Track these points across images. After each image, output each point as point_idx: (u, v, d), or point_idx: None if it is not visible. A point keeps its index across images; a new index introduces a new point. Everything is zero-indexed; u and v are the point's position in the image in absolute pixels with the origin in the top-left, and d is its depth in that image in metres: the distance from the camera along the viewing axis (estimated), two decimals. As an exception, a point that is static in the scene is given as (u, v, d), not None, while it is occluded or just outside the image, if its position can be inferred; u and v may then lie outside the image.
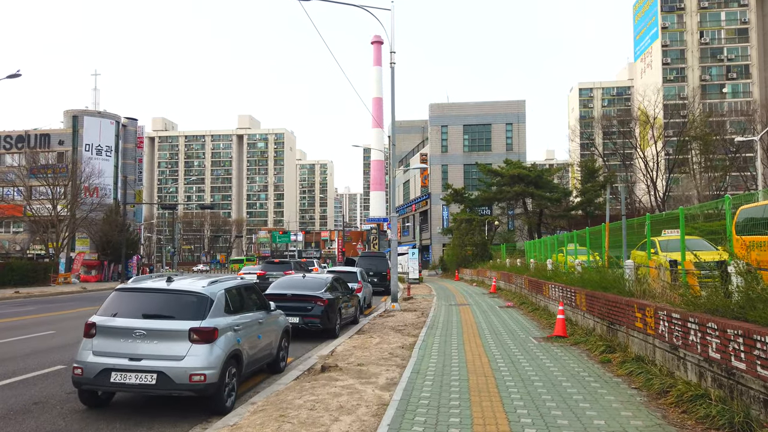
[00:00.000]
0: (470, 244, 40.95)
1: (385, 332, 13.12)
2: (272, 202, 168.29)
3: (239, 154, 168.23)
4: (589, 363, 8.94)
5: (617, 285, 10.57)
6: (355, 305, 15.83)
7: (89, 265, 53.62)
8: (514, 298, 21.41)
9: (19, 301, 27.13)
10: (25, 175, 47.60)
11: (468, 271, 39.72)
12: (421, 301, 22.19)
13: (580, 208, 41.54)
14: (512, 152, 55.00)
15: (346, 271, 19.69)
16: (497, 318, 15.71)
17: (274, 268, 26.95)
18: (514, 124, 57.33)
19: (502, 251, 35.88)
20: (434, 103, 58.93)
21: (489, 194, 44.08)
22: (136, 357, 6.56)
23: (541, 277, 18.18)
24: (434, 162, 58.07)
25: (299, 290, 13.15)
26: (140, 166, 65.56)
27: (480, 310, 18.18)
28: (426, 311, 17.80)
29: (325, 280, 13.91)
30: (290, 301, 12.84)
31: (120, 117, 62.20)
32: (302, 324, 12.64)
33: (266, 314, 8.75)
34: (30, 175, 48.41)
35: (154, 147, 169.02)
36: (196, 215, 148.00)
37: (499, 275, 28.38)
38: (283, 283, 13.77)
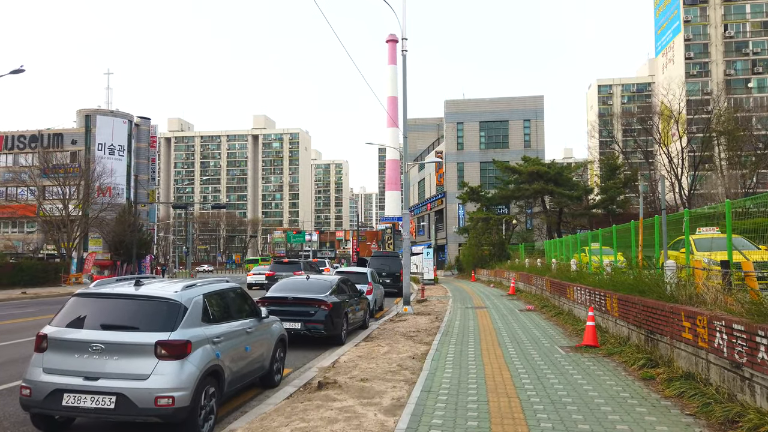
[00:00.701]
0: (487, 244, 39.63)
1: (395, 339, 12.00)
2: (287, 202, 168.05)
3: (254, 154, 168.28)
4: (628, 380, 7.73)
5: (656, 289, 9.34)
6: (364, 309, 14.74)
7: (102, 265, 53.36)
8: (535, 300, 20.16)
9: (23, 302, 26.50)
10: (38, 174, 47.31)
11: (485, 272, 38.43)
12: (435, 303, 21.03)
13: (602, 207, 39.98)
14: (530, 149, 53.52)
15: (355, 272, 18.61)
16: (518, 323, 14.50)
17: (284, 268, 26.02)
18: (532, 121, 55.83)
19: (521, 251, 34.55)
20: (449, 100, 57.67)
21: (506, 192, 42.71)
22: (92, 376, 5.53)
23: (565, 279, 16.94)
24: (450, 160, 56.79)
25: (301, 293, 12.09)
26: (153, 165, 65.23)
27: (499, 313, 16.98)
28: (440, 315, 16.64)
29: (331, 282, 12.84)
30: (291, 305, 11.79)
31: (133, 116, 61.87)
32: (304, 330, 11.58)
33: (257, 322, 7.69)
34: (43, 175, 48.16)
35: (170, 147, 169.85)
36: (211, 215, 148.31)
37: (518, 276, 27.11)
38: (285, 285, 12.72)
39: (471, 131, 56.43)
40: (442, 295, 25.20)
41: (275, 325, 8.47)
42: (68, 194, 44.24)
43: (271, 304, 11.88)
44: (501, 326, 13.86)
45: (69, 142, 58.24)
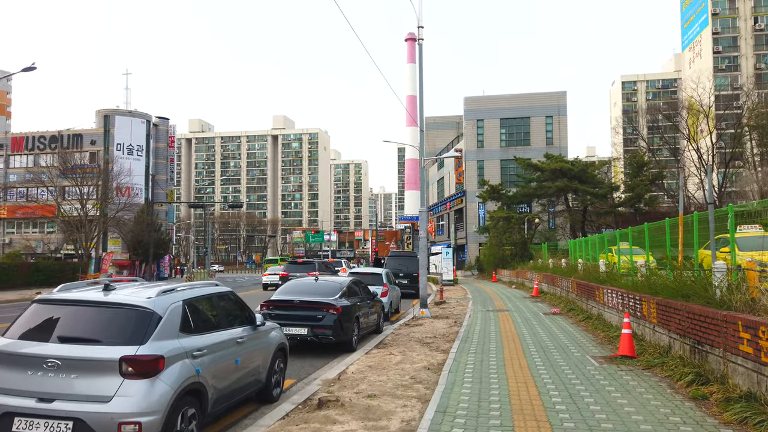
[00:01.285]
0: (509, 244, 38.42)
1: (410, 346, 11.07)
2: (307, 201, 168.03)
3: (274, 154, 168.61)
4: (675, 399, 6.69)
5: (703, 293, 8.27)
6: (377, 312, 13.83)
7: (121, 265, 53.33)
8: (561, 303, 19.05)
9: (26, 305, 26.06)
10: (57, 175, 47.39)
11: (506, 272, 37.25)
12: (454, 305, 20.03)
13: (628, 205, 38.47)
14: (553, 146, 52.07)
15: (370, 273, 17.72)
16: (543, 328, 13.46)
17: (298, 268, 25.26)
18: (555, 117, 54.35)
19: (544, 251, 33.34)
20: (469, 97, 56.49)
21: (528, 190, 41.41)
22: (47, 397, 4.72)
23: (593, 280, 15.84)
24: (469, 158, 55.61)
25: (308, 296, 11.23)
26: (172, 165, 65.20)
27: (522, 317, 15.93)
28: (460, 319, 15.66)
29: (341, 284, 11.96)
30: (297, 309, 10.94)
31: (151, 116, 61.86)
32: (311, 336, 10.72)
33: (250, 330, 6.83)
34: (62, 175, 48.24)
35: (191, 148, 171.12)
36: (232, 215, 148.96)
37: (542, 277, 25.98)
38: (292, 287, 11.88)
39: (491, 128, 55.17)
40: (461, 297, 24.18)
41: (274, 332, 7.60)
42: (86, 194, 44.16)
43: (276, 307, 11.07)
44: (525, 332, 12.84)
45: (88, 143, 58.44)
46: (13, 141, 61.02)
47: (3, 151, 60.80)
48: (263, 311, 11.10)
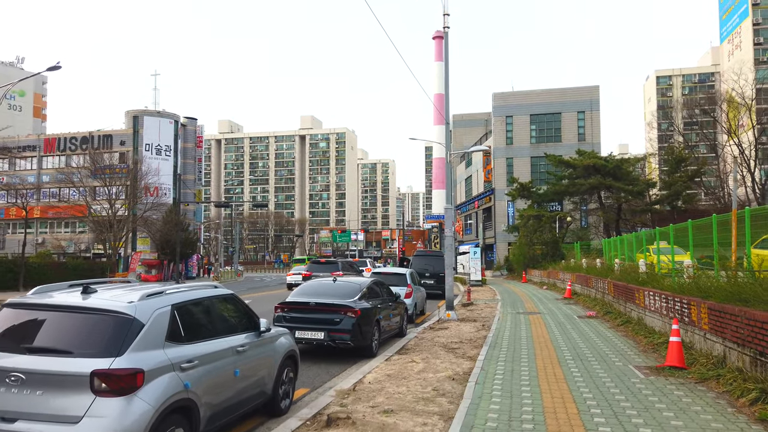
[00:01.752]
0: (539, 243, 37.19)
1: (434, 352, 10.30)
2: (334, 201, 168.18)
3: (302, 154, 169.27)
4: (739, 421, 5.78)
5: (766, 297, 7.30)
6: (400, 314, 13.09)
7: (150, 264, 53.74)
8: (596, 305, 18.00)
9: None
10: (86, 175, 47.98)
11: (537, 273, 36.08)
12: (482, 307, 19.15)
13: (666, 202, 36.84)
14: (585, 143, 50.47)
15: (393, 273, 16.98)
16: (579, 333, 12.53)
17: (321, 268, 24.69)
18: (587, 112, 52.69)
19: (576, 250, 32.10)
20: (498, 92, 55.20)
21: (560, 188, 40.04)
22: (9, 416, 4.12)
23: (632, 282, 14.80)
24: (498, 155, 54.34)
25: (325, 298, 10.56)
26: (200, 165, 65.57)
27: (555, 320, 14.99)
28: (488, 322, 14.80)
29: (360, 285, 11.24)
30: (313, 312, 10.27)
31: (179, 116, 62.31)
32: (328, 341, 10.03)
33: (254, 337, 6.16)
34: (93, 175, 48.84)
35: (220, 149, 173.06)
36: (260, 215, 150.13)
37: (575, 278, 24.85)
38: (308, 288, 11.22)
39: (521, 125, 53.81)
40: (490, 298, 23.25)
41: (282, 339, 6.92)
42: (115, 194, 44.57)
43: (291, 310, 10.43)
44: (559, 337, 11.93)
45: (118, 143, 59.15)
46: (45, 142, 62.23)
47: (36, 153, 62.06)
48: (277, 313, 10.49)
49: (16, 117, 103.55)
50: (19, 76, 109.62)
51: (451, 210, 15.42)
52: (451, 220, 15.41)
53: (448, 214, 15.47)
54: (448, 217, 15.51)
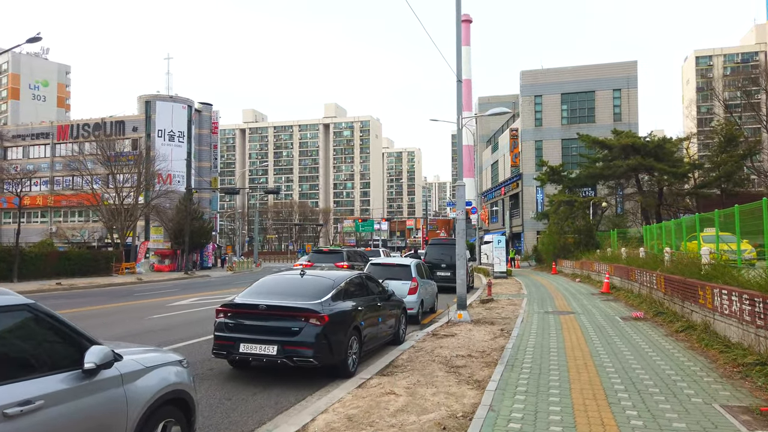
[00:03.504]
0: (571, 231, 33.85)
1: (429, 373, 7.52)
2: (358, 190, 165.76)
3: (326, 143, 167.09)
4: None
5: None
6: (395, 317, 10.33)
7: (163, 254, 52.06)
8: (642, 304, 14.95)
9: (48, 295, 24.13)
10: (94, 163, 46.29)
11: (568, 263, 32.85)
12: (504, 304, 16.24)
13: (715, 185, 33.10)
14: (621, 123, 46.64)
15: (395, 265, 14.21)
16: (626, 343, 9.58)
17: (323, 258, 22.03)
18: (623, 90, 48.72)
19: (613, 239, 28.83)
20: (526, 70, 51.54)
21: (594, 171, 36.55)
22: None
23: (692, 276, 11.75)
24: (526, 137, 50.83)
25: (283, 298, 7.83)
26: (216, 152, 63.58)
27: (593, 323, 12.03)
28: (508, 325, 11.93)
29: (335, 280, 8.47)
30: (265, 318, 7.55)
31: (193, 101, 60.30)
32: (282, 358, 7.32)
33: (74, 381, 3.47)
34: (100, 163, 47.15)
35: (245, 138, 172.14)
36: (284, 205, 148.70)
37: (612, 269, 21.72)
38: (265, 286, 8.49)
39: (551, 105, 50.12)
40: (514, 293, 20.29)
41: (153, 375, 4.20)
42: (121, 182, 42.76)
43: (235, 315, 7.74)
44: (601, 350, 9.00)
45: (130, 129, 57.45)
46: (58, 129, 61.02)
47: (49, 140, 60.92)
48: (219, 320, 7.82)
49: (40, 107, 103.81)
50: (45, 67, 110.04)
51: (462, 187, 12.56)
52: (463, 198, 12.54)
53: (459, 193, 12.61)
54: (459, 195, 12.65)
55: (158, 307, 17.63)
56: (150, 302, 19.49)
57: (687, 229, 16.63)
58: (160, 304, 18.73)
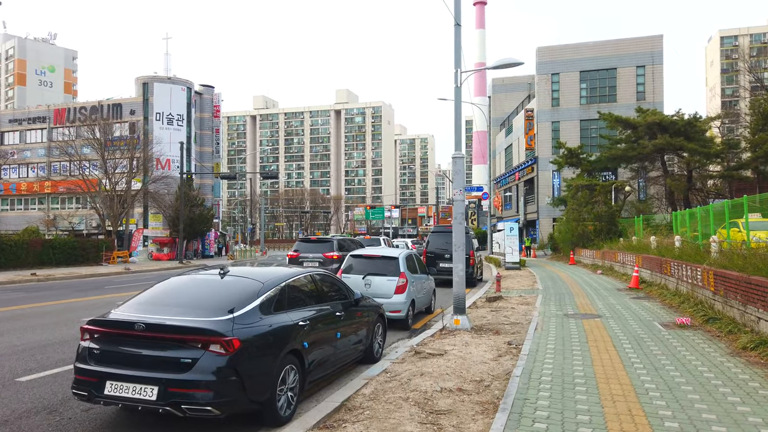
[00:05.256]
0: (591, 218, 31.00)
1: (393, 427, 4.97)
2: (370, 178, 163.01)
3: (337, 129, 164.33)
4: None
5: None
6: (367, 327, 7.80)
7: (162, 242, 50.00)
8: (683, 303, 12.26)
9: (10, 288, 21.95)
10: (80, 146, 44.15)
11: (588, 253, 30.05)
12: (515, 304, 13.62)
13: (752, 166, 29.94)
14: (645, 102, 43.38)
15: (379, 257, 11.62)
16: (681, 368, 6.94)
17: (310, 248, 19.52)
18: (648, 66, 45.34)
19: (638, 226, 25.98)
20: (542, 47, 48.27)
21: (616, 152, 33.57)
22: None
23: (756, 273, 9.05)
24: (542, 118, 47.72)
25: (176, 313, 5.28)
26: (217, 136, 61.22)
27: (628, 333, 9.38)
28: (518, 335, 9.33)
29: (266, 282, 5.89)
30: (143, 344, 5.01)
31: (192, 83, 57.83)
32: (165, 405, 4.78)
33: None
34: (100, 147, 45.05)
35: (255, 125, 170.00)
36: (295, 192, 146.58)
37: (640, 260, 18.98)
38: (163, 292, 5.93)
39: (569, 83, 46.90)
40: (527, 288, 17.64)
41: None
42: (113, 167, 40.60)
43: (104, 338, 5.20)
44: (647, 379, 6.37)
45: (128, 113, 55.22)
46: (55, 113, 58.98)
47: (46, 124, 59.00)
48: (84, 344, 5.29)
49: (47, 93, 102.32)
50: (51, 52, 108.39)
51: (461, 160, 9.92)
52: (462, 174, 9.91)
53: (457, 166, 9.96)
54: (456, 170, 10.00)
55: (113, 304, 15.24)
56: (113, 297, 17.14)
57: (730, 214, 14.00)
58: (124, 299, 16.35)
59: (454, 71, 9.99)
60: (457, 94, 10.00)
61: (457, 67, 9.99)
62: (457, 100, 10.05)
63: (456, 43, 9.93)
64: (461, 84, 9.97)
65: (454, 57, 9.98)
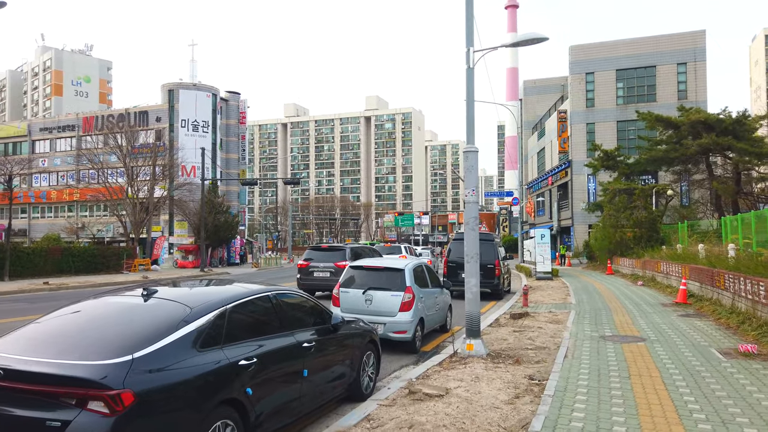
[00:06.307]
0: (630, 224, 28.80)
1: None
2: (401, 184, 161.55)
3: (367, 136, 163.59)
4: None
5: None
6: (351, 358, 6.31)
7: (187, 249, 49.54)
8: (744, 324, 10.39)
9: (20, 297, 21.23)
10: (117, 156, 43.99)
11: (627, 262, 27.88)
12: (543, 322, 11.90)
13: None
14: (686, 101, 40.76)
15: (383, 268, 10.10)
16: (752, 414, 5.22)
17: (321, 257, 18.16)
18: (689, 64, 42.72)
19: (682, 233, 23.82)
20: (576, 45, 46.10)
21: (656, 154, 31.30)
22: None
23: None
24: (576, 120, 45.48)
25: (52, 354, 3.84)
26: (243, 143, 60.76)
27: (681, 365, 7.63)
28: (543, 365, 7.68)
29: (196, 308, 4.44)
30: (4, 400, 3.61)
31: (218, 90, 57.52)
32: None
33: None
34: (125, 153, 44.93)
35: (286, 133, 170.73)
36: (325, 199, 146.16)
37: (687, 271, 16.95)
38: (51, 325, 4.42)
39: (604, 83, 44.57)
40: (558, 303, 15.84)
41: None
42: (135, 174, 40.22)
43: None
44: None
45: (154, 120, 55.27)
46: (84, 121, 59.51)
47: (75, 132, 59.55)
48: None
49: (82, 103, 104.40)
50: (87, 63, 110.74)
51: (474, 154, 8.37)
52: (474, 171, 8.34)
53: (469, 161, 8.41)
54: (468, 166, 8.44)
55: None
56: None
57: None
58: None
59: (466, 50, 8.45)
60: (469, 76, 8.45)
61: (469, 46, 8.46)
62: (469, 83, 8.50)
63: (468, 15, 8.39)
64: (474, 65, 8.42)
65: (466, 33, 8.45)
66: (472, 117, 8.57)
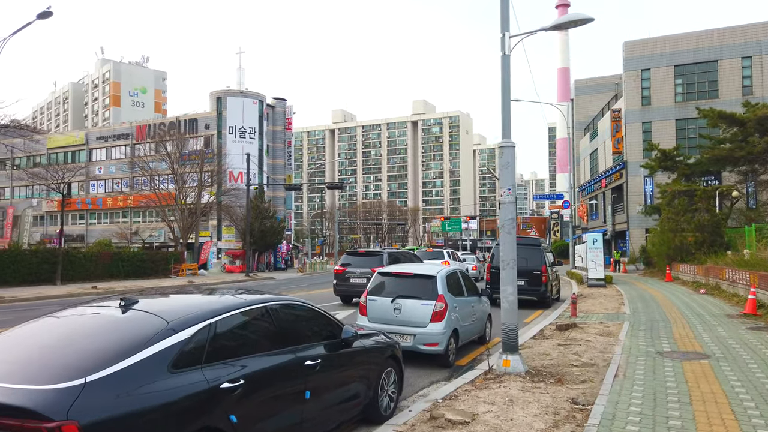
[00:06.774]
0: (691, 228, 26.93)
1: None
2: (448, 189, 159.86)
3: (414, 140, 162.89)
4: None
5: None
6: (366, 378, 5.65)
7: (234, 254, 50.20)
8: (829, 342, 9.09)
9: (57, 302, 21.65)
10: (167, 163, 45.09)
11: (688, 268, 26.04)
12: (592, 334, 10.89)
13: None
14: (752, 96, 38.07)
15: (413, 275, 9.40)
16: None
17: (359, 262, 17.57)
18: (754, 57, 40.00)
19: (749, 237, 22.00)
20: (630, 41, 44.01)
21: (720, 153, 29.28)
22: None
23: None
24: (631, 119, 43.37)
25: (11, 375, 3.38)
26: (289, 149, 61.23)
27: (750, 386, 6.58)
28: (589, 386, 6.79)
29: (171, 320, 3.89)
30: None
31: (264, 96, 58.22)
32: None
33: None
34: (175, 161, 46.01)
35: (334, 139, 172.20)
36: (372, 204, 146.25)
37: (757, 279, 15.46)
38: (13, 340, 3.98)
39: (661, 79, 42.30)
40: (611, 312, 14.67)
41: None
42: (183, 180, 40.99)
43: None
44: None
45: (203, 127, 56.44)
46: (137, 130, 61.47)
47: (129, 140, 61.54)
48: None
49: (139, 113, 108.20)
50: (143, 75, 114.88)
51: (510, 150, 7.61)
52: (511, 168, 7.57)
53: (505, 158, 7.64)
54: (503, 163, 7.68)
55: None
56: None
57: None
58: None
59: (501, 35, 7.67)
60: (504, 63, 7.67)
61: (504, 30, 7.69)
62: (505, 72, 7.72)
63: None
64: (510, 51, 7.64)
65: (501, 16, 7.69)
66: (508, 109, 7.77)
